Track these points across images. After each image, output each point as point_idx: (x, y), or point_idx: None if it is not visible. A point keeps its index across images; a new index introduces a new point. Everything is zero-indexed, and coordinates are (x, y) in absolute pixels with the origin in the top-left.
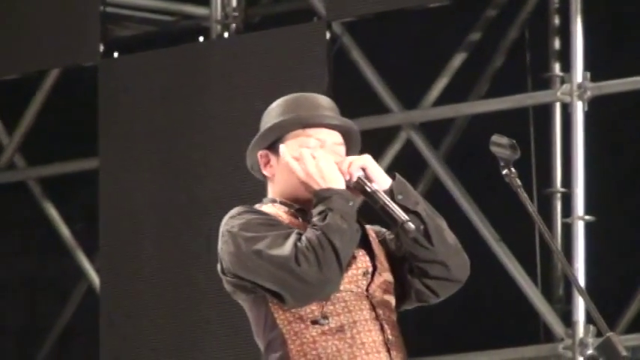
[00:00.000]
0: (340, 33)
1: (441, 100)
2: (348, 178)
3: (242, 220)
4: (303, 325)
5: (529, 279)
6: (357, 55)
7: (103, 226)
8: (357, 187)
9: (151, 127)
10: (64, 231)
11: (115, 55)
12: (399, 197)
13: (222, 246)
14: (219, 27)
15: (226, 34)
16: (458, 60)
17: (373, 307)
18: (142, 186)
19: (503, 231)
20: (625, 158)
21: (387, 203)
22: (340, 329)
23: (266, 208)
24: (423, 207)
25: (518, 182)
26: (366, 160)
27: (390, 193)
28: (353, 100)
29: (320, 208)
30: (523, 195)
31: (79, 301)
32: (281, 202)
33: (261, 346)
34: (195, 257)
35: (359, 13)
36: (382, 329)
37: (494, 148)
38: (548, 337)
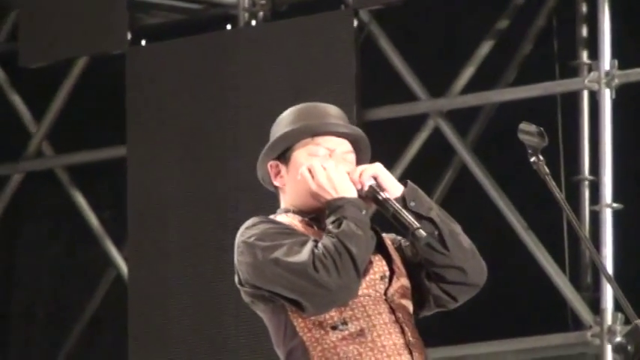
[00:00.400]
0: (367, 21)
1: (469, 88)
2: (359, 187)
3: (257, 230)
4: (323, 332)
5: (557, 267)
6: (384, 43)
7: (130, 214)
8: (369, 195)
9: (178, 115)
10: (92, 219)
11: (143, 43)
12: (412, 204)
13: (239, 257)
14: (246, 15)
15: (254, 22)
16: (485, 48)
17: (392, 311)
18: (169, 174)
19: (531, 219)
20: None
21: (399, 211)
22: (360, 333)
23: (280, 218)
24: (437, 212)
25: (546, 170)
26: (377, 168)
27: (403, 200)
28: (380, 88)
29: (333, 217)
30: (551, 183)
31: (107, 289)
32: (294, 212)
33: (282, 355)
34: (223, 245)
35: (386, 1)
36: (403, 332)
37: (522, 136)
38: (577, 324)
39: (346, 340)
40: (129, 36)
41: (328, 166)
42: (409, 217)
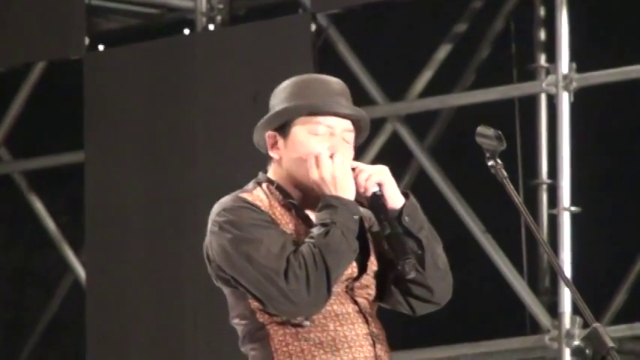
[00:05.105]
0: (326, 25)
1: (427, 92)
2: (362, 190)
3: (234, 216)
4: (284, 318)
5: (515, 270)
6: (342, 47)
7: (88, 219)
8: (370, 202)
9: (136, 120)
10: (50, 224)
11: (101, 48)
12: (406, 219)
13: (212, 236)
14: (204, 19)
15: (212, 27)
16: (443, 51)
17: (355, 302)
18: (127, 179)
19: (489, 222)
20: (611, 149)
21: (393, 237)
22: (323, 323)
23: (259, 192)
24: (426, 234)
25: (504, 173)
26: (384, 175)
27: (399, 212)
28: None
29: (324, 215)
30: (509, 186)
31: (64, 295)
32: (277, 187)
33: (239, 330)
34: (182, 250)
35: (344, 5)
36: (367, 322)
37: (479, 140)
38: (534, 328)
39: (308, 327)
40: (87, 41)
41: (336, 161)
42: (404, 247)
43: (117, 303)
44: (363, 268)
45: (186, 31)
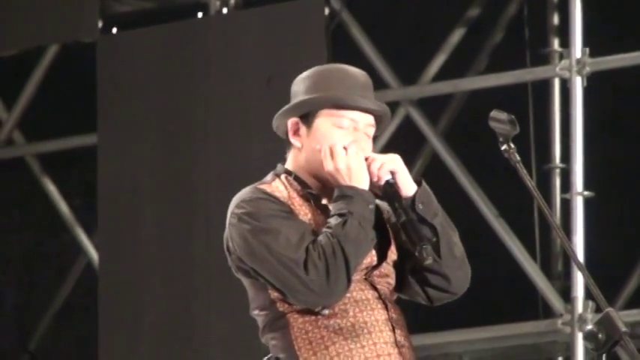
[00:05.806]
0: (339, 8)
1: (440, 76)
2: (376, 179)
3: (253, 208)
4: (304, 307)
5: (528, 255)
6: (355, 31)
7: (101, 202)
8: (383, 190)
9: (149, 103)
10: (63, 207)
11: (114, 31)
12: (420, 206)
13: (232, 228)
14: (217, 3)
15: (225, 10)
16: (457, 36)
17: (375, 288)
18: (140, 162)
19: (502, 207)
20: (624, 134)
21: (407, 224)
22: (343, 309)
23: (277, 183)
24: (440, 220)
25: (517, 158)
26: (396, 163)
27: (412, 199)
28: None
29: (340, 205)
30: (522, 170)
31: (77, 278)
32: (296, 178)
33: (260, 322)
34: (194, 233)
35: None
36: (386, 308)
37: (493, 124)
38: (547, 312)
39: (328, 314)
40: (100, 24)
41: (350, 152)
42: (419, 233)
43: (129, 286)
44: (382, 257)
45: (200, 15)
